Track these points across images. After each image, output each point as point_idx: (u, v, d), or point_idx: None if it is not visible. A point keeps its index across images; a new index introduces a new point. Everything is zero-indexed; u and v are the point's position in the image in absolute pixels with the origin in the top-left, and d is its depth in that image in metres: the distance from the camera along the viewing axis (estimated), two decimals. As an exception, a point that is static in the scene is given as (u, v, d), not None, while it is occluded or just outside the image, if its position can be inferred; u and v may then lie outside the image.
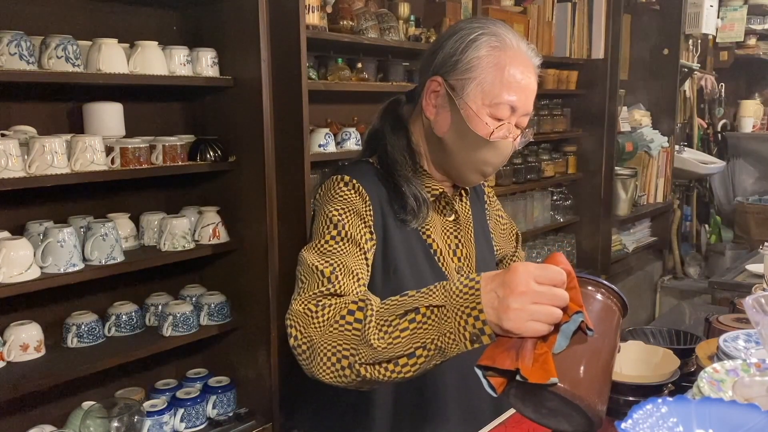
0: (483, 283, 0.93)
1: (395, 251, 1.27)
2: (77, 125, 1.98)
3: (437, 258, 1.33)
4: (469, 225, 1.42)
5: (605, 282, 0.95)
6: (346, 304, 1.05)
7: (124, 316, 2.04)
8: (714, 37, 5.00)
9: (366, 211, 1.24)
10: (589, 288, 0.94)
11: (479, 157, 1.27)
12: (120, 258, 1.91)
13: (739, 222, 4.88)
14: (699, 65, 4.94)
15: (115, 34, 1.92)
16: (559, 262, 0.93)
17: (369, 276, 1.22)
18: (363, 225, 1.23)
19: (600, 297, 0.93)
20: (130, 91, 2.08)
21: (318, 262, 1.14)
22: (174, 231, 2.04)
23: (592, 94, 3.83)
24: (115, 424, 1.70)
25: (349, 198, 1.24)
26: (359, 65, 2.53)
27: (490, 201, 1.57)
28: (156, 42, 1.99)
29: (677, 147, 4.69)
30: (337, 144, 2.47)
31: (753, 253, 3.51)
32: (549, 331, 0.89)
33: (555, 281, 0.89)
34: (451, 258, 1.36)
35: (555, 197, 3.85)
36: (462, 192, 1.43)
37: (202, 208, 2.18)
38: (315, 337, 1.04)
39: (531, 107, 1.28)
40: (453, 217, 1.39)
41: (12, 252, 1.68)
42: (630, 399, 1.08)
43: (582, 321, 0.88)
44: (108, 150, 1.89)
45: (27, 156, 1.71)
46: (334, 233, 1.20)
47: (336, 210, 1.22)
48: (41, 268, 1.76)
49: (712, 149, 5.38)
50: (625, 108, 4.38)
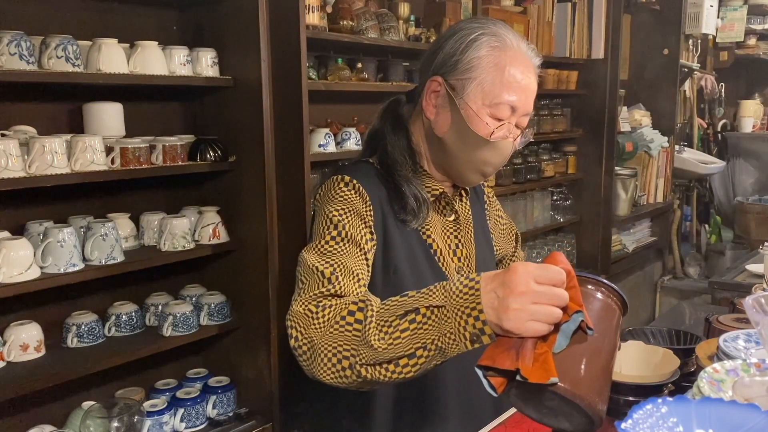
0: (483, 283, 0.93)
1: (395, 251, 1.27)
2: (77, 125, 1.98)
3: (437, 258, 1.33)
4: (469, 225, 1.42)
5: (605, 280, 0.95)
6: (346, 304, 1.05)
7: (124, 316, 2.04)
8: (714, 37, 4.99)
9: (366, 212, 1.24)
10: (589, 287, 0.94)
11: (479, 157, 1.28)
12: (120, 258, 1.91)
13: (739, 222, 4.87)
14: (699, 65, 4.93)
15: (115, 34, 1.92)
16: (559, 261, 0.93)
17: (369, 276, 1.21)
18: (363, 225, 1.23)
19: (600, 296, 0.93)
20: (130, 91, 2.07)
21: (318, 262, 1.14)
22: (174, 231, 2.04)
23: (592, 94, 3.83)
24: (115, 424, 1.70)
25: (350, 198, 1.24)
26: (359, 65, 2.53)
27: (489, 201, 1.57)
28: (156, 42, 1.99)
29: (677, 147, 4.69)
30: (337, 144, 2.47)
31: (753, 253, 3.51)
32: (549, 331, 0.89)
33: (555, 281, 0.90)
34: (451, 258, 1.36)
35: (555, 197, 3.84)
36: (462, 192, 1.43)
37: (202, 208, 2.18)
38: (315, 338, 1.04)
39: (531, 107, 1.28)
40: (453, 217, 1.39)
41: (12, 252, 1.68)
42: (630, 399, 1.08)
43: (582, 320, 0.88)
44: (108, 150, 1.89)
45: (27, 156, 1.71)
46: (334, 234, 1.20)
47: (336, 210, 1.22)
48: (41, 268, 1.76)
49: (712, 149, 5.38)
50: (625, 108, 4.37)
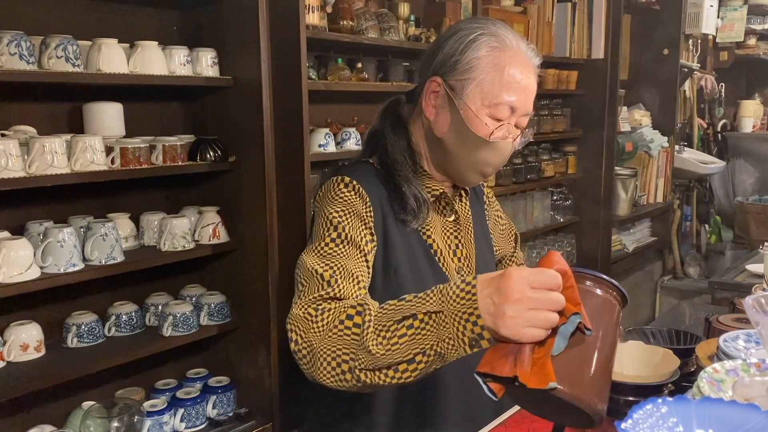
0: (479, 287, 0.93)
1: (395, 252, 1.27)
2: (77, 125, 1.98)
3: (437, 258, 1.33)
4: (469, 225, 1.42)
5: (602, 276, 0.93)
6: (344, 308, 1.05)
7: (124, 316, 2.04)
8: (714, 37, 4.99)
9: (366, 213, 1.24)
10: (587, 283, 0.93)
11: (479, 158, 1.27)
12: (120, 258, 1.91)
13: (739, 222, 4.87)
14: (699, 65, 4.93)
15: (115, 34, 1.92)
16: (555, 262, 0.92)
17: (370, 278, 1.21)
18: (363, 226, 1.23)
19: (598, 292, 0.93)
20: (130, 91, 2.07)
21: (318, 265, 1.14)
22: (174, 231, 2.04)
23: (592, 94, 3.83)
24: (115, 424, 1.70)
25: (349, 199, 1.24)
26: (359, 65, 2.52)
27: (489, 201, 1.57)
28: (156, 42, 1.99)
29: (677, 147, 4.68)
30: (337, 144, 2.47)
31: (753, 253, 3.51)
32: (546, 335, 0.88)
33: (550, 285, 0.89)
34: (452, 258, 1.36)
35: (555, 197, 3.84)
36: (462, 192, 1.43)
37: (202, 208, 2.18)
38: (315, 342, 1.04)
39: (531, 107, 1.28)
40: (453, 218, 1.39)
41: (12, 252, 1.68)
42: (630, 399, 1.08)
43: (580, 322, 0.88)
44: (108, 150, 1.89)
45: (27, 156, 1.71)
46: (334, 235, 1.19)
47: (336, 212, 1.22)
48: (41, 268, 1.76)
49: (712, 149, 5.38)
50: (625, 108, 4.37)
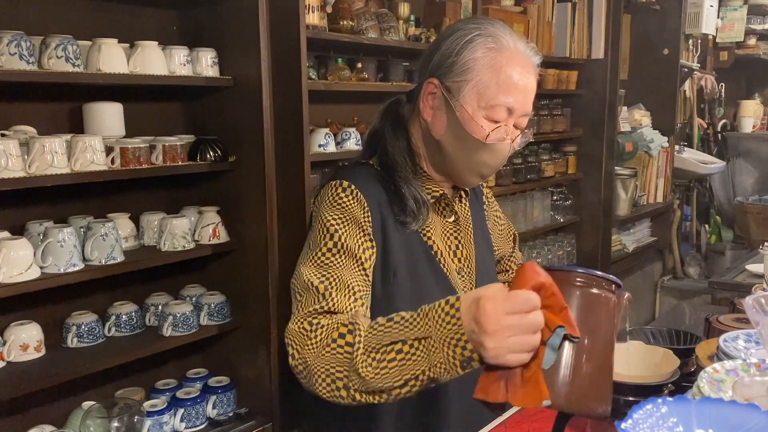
0: (462, 311, 0.92)
1: (395, 254, 1.27)
2: (77, 125, 1.98)
3: (438, 259, 1.32)
4: (469, 226, 1.42)
5: (589, 270, 0.91)
6: (336, 326, 1.06)
7: (124, 316, 2.04)
8: (714, 37, 4.99)
9: (365, 218, 1.24)
10: (578, 280, 0.90)
11: (477, 159, 1.27)
12: (120, 258, 1.91)
13: (739, 222, 4.87)
14: (699, 65, 4.93)
15: (115, 34, 1.92)
16: (529, 278, 0.88)
17: (368, 288, 1.22)
18: (361, 234, 1.23)
19: (586, 290, 0.90)
20: (130, 91, 2.07)
21: (314, 277, 1.15)
22: (174, 231, 2.04)
23: (592, 94, 3.83)
24: (115, 424, 1.70)
25: (348, 206, 1.24)
26: (359, 65, 2.52)
27: (488, 202, 1.57)
28: (156, 42, 1.99)
29: (677, 147, 4.68)
30: (337, 144, 2.47)
31: (753, 253, 3.51)
32: (532, 356, 0.87)
33: (526, 309, 0.86)
34: (452, 259, 1.36)
35: (555, 197, 3.84)
36: (462, 193, 1.43)
37: (202, 208, 2.18)
38: (309, 359, 1.06)
39: (530, 107, 1.27)
40: (453, 219, 1.39)
41: (12, 252, 1.68)
42: (630, 399, 1.07)
43: (566, 333, 0.86)
44: (108, 150, 1.89)
45: (27, 156, 1.71)
46: (330, 245, 1.20)
47: (334, 219, 1.22)
48: (41, 268, 1.76)
49: (712, 149, 5.38)
50: (625, 108, 4.37)
